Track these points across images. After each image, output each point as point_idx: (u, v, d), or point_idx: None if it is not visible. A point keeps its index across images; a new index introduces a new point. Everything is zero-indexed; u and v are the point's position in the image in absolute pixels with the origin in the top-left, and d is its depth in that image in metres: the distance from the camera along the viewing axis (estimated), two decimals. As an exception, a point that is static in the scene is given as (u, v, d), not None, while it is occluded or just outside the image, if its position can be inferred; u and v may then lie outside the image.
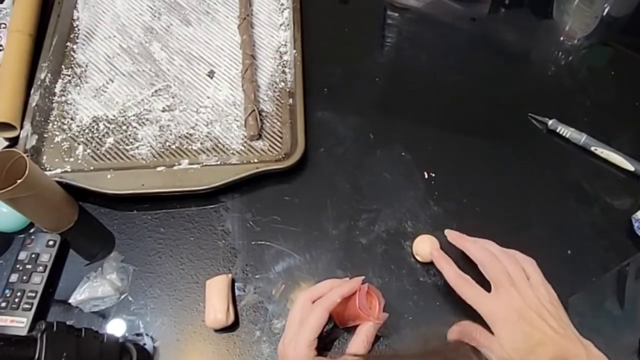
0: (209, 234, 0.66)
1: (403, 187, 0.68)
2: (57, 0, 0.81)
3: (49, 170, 0.69)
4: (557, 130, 0.70)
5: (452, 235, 0.62)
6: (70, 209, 0.66)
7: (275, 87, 0.75)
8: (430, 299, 0.61)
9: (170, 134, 0.72)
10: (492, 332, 0.53)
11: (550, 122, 0.71)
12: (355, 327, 0.56)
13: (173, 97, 0.75)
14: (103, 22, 0.82)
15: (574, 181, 0.69)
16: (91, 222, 0.67)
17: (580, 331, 0.53)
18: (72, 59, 0.79)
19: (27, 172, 0.56)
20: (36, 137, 0.70)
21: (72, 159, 0.70)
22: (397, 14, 0.83)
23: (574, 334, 0.52)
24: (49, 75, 0.75)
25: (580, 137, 0.69)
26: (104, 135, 0.72)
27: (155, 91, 0.75)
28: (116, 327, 0.60)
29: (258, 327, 0.60)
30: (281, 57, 0.78)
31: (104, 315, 0.61)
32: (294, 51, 0.76)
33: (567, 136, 0.70)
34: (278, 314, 0.61)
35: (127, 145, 0.71)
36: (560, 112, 0.73)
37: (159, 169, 0.68)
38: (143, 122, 0.73)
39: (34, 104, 0.72)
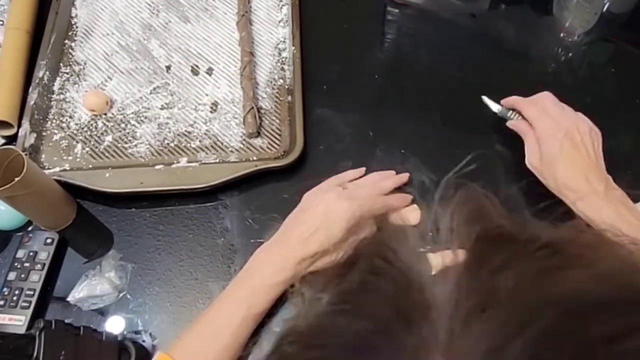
0: (208, 231, 0.66)
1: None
2: (55, -3, 0.81)
3: (48, 168, 0.69)
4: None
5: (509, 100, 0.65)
6: (69, 207, 0.66)
7: (274, 84, 0.75)
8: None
9: (169, 132, 0.71)
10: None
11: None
12: None
13: (172, 95, 0.74)
14: (101, 20, 0.82)
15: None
16: (89, 220, 0.67)
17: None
18: (70, 56, 0.78)
19: (24, 170, 0.55)
20: (35, 135, 0.70)
21: (70, 157, 0.70)
22: (397, 10, 0.82)
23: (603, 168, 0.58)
24: (47, 73, 0.75)
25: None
26: (102, 134, 0.72)
27: (154, 89, 0.75)
28: (115, 325, 0.60)
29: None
30: (280, 54, 0.78)
31: (102, 313, 0.61)
32: (293, 48, 0.75)
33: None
34: (275, 313, 0.60)
35: (126, 143, 0.71)
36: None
37: (157, 167, 0.68)
38: (142, 120, 0.73)
39: (32, 102, 0.71)
